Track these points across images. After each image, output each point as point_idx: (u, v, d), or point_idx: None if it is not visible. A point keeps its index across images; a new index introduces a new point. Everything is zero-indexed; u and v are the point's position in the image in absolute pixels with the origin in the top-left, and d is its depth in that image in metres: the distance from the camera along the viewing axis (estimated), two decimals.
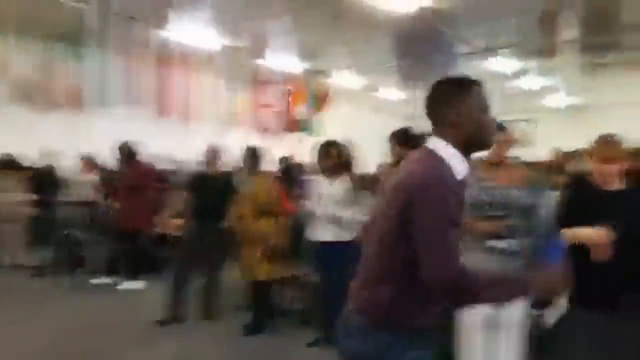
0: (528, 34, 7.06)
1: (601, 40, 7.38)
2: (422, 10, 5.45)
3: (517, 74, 8.64)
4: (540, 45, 7.67)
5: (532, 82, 9.27)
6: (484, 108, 1.61)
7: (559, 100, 11.10)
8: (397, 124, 3.72)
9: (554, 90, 10.39)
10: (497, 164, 3.02)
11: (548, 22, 6.66)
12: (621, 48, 7.68)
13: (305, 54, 7.75)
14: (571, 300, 2.77)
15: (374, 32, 6.54)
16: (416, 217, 1.48)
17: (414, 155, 1.63)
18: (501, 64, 7.84)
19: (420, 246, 1.48)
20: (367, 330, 1.62)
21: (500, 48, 7.31)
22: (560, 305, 2.87)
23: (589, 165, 2.87)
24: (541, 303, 2.99)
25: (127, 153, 5.23)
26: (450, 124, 1.58)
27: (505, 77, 8.66)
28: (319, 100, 9.21)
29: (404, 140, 3.41)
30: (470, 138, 1.59)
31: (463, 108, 1.58)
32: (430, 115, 1.64)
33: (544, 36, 7.30)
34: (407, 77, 9.27)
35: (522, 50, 7.63)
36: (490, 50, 7.39)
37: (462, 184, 1.58)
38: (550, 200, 3.04)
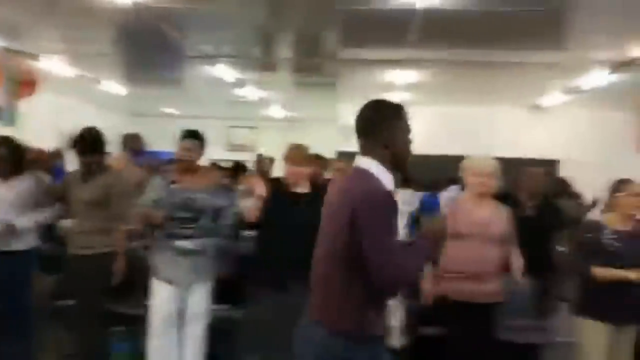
0: (249, 47, 7.51)
1: (309, 62, 8.38)
2: (138, 5, 5.25)
3: (240, 83, 9.12)
4: (260, 60, 8.28)
5: (252, 92, 9.91)
6: (408, 131, 1.84)
7: (277, 111, 12.23)
8: (120, 120, 3.51)
9: (272, 102, 11.38)
10: (189, 168, 3.14)
11: (266, 39, 7.24)
12: (323, 72, 8.86)
13: (4, 30, 6.63)
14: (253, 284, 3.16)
15: (92, 20, 6.01)
16: (361, 225, 1.65)
17: (348, 175, 1.88)
18: (225, 72, 8.15)
19: (366, 252, 1.64)
20: (328, 339, 1.73)
21: (224, 57, 7.58)
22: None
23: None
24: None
25: None
26: (383, 144, 1.78)
27: (229, 85, 9.05)
28: (21, 85, 7.94)
29: (85, 148, 3.26)
30: (397, 157, 1.80)
31: (396, 131, 1.81)
32: (363, 134, 1.82)
33: (263, 52, 7.92)
34: (129, 73, 8.86)
35: (244, 61, 8.09)
36: (214, 58, 7.59)
37: (392, 194, 1.75)
38: (236, 201, 3.34)
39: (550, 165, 10.03)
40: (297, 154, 3.29)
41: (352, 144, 1.95)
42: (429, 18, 5.16)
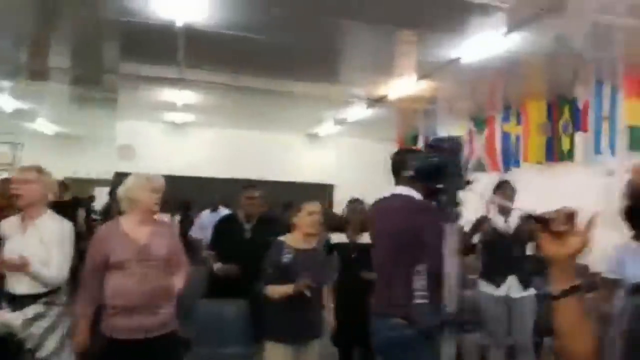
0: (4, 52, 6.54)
1: (86, 74, 7.66)
2: None
3: None
4: (22, 67, 7.28)
5: (8, 103, 8.66)
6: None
7: (45, 126, 10.87)
8: None
9: (39, 116, 10.10)
10: None
11: (35, 46, 6.40)
12: (102, 86, 8.19)
13: None
14: None
15: None
16: (427, 233, 2.35)
17: (396, 201, 2.73)
18: None
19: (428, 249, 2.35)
20: (400, 327, 2.48)
21: None
22: None
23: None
24: None
25: None
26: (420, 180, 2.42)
27: None
28: None
29: None
30: (428, 189, 2.37)
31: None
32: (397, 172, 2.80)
33: (29, 59, 6.98)
34: None
35: None
36: None
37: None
38: None
39: (326, 189, 10.94)
40: None
41: (132, 165, 1.75)
42: (192, 38, 5.18)
